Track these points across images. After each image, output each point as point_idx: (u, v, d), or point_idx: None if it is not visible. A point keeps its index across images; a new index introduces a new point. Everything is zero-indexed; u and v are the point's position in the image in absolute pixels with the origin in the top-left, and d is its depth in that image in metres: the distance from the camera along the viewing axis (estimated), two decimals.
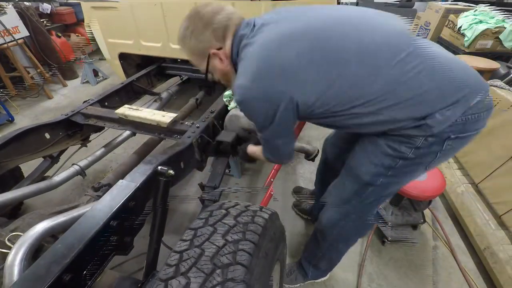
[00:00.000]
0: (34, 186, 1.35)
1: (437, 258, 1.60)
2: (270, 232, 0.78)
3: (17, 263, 0.72)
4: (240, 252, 0.66)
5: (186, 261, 0.65)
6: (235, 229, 0.73)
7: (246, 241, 0.69)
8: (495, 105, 1.76)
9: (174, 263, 0.66)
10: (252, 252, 0.67)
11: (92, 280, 0.73)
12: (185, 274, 0.62)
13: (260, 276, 0.68)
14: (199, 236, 0.72)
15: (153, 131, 1.55)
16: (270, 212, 0.84)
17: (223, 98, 1.75)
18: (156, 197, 0.99)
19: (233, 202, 0.88)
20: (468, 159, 1.91)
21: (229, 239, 0.70)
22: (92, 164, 1.68)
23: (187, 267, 0.64)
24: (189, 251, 0.68)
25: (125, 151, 2.42)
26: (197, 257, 0.66)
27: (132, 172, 0.96)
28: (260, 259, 0.69)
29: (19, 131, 1.36)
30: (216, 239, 0.70)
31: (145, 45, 2.37)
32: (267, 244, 0.75)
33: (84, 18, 2.42)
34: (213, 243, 0.68)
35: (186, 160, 1.29)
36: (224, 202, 0.89)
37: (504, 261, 1.41)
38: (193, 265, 0.64)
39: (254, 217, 0.79)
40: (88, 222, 0.75)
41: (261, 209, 0.85)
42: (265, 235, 0.75)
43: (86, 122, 1.66)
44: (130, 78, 2.28)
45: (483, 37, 2.87)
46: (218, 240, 0.69)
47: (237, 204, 0.86)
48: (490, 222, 1.61)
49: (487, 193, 1.71)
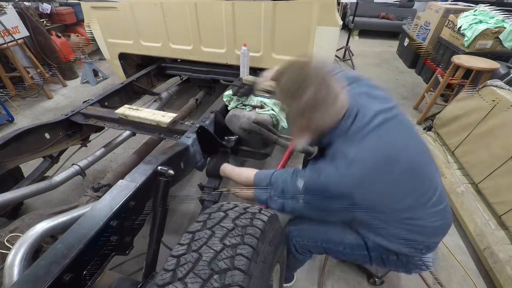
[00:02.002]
0: (34, 186, 1.35)
1: (437, 258, 1.60)
2: (269, 235, 0.77)
3: (17, 263, 0.72)
4: (238, 257, 0.65)
5: (183, 266, 0.64)
6: (234, 232, 0.72)
7: (244, 245, 0.68)
8: (495, 105, 1.76)
9: (171, 268, 0.64)
10: (250, 257, 0.65)
11: (92, 280, 0.73)
12: (182, 279, 0.61)
13: (259, 281, 0.67)
14: (197, 240, 0.71)
15: (153, 131, 1.55)
16: (269, 214, 0.83)
17: (223, 98, 1.75)
18: (156, 197, 0.99)
19: (232, 203, 0.87)
20: (468, 159, 1.91)
21: (227, 243, 0.68)
22: (92, 164, 1.68)
23: (184, 273, 0.62)
24: (186, 255, 0.66)
25: (125, 151, 2.42)
26: (194, 262, 0.64)
27: (132, 172, 0.96)
28: (259, 263, 0.68)
29: (19, 131, 1.36)
30: (214, 243, 0.68)
31: (145, 45, 2.37)
32: (266, 247, 0.74)
33: (84, 18, 2.42)
34: (211, 248, 0.67)
35: (186, 160, 1.29)
36: (223, 203, 0.88)
37: (504, 261, 1.41)
38: (190, 270, 0.63)
39: (253, 219, 0.78)
40: (88, 222, 0.75)
41: (260, 211, 0.84)
42: (264, 239, 0.74)
43: (86, 122, 1.66)
44: (130, 78, 2.28)
45: (483, 37, 2.87)
46: (216, 244, 0.68)
47: (236, 206, 0.85)
48: (490, 222, 1.62)
49: (487, 193, 1.71)
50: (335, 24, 1.74)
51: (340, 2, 4.57)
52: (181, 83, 2.75)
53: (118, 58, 2.57)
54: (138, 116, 1.51)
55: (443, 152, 2.16)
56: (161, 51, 2.36)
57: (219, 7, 1.94)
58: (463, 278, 1.51)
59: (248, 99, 1.66)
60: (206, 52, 2.22)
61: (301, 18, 1.79)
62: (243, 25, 1.98)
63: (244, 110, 1.59)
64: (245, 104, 1.63)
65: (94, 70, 3.78)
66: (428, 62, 3.74)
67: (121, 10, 2.21)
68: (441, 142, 2.24)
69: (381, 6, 6.36)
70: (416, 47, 4.06)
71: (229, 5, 1.90)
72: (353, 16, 4.89)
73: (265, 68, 2.20)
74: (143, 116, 1.50)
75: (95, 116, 1.66)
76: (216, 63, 2.29)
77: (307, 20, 1.78)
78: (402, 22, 5.54)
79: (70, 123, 1.64)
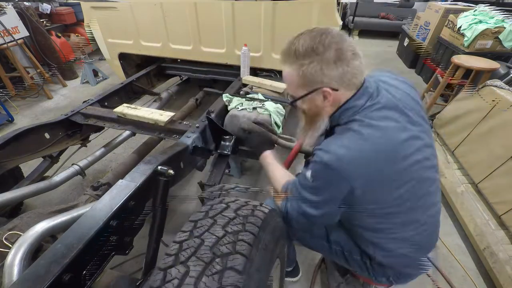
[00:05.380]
0: (34, 186, 1.35)
1: (437, 258, 1.60)
2: (270, 226, 0.79)
3: (17, 263, 0.72)
4: (240, 242, 0.66)
5: (186, 251, 0.65)
6: (235, 221, 0.74)
7: (246, 232, 0.70)
8: (495, 105, 1.77)
9: (173, 253, 0.66)
10: (251, 243, 0.67)
11: (92, 280, 0.73)
12: (185, 263, 0.63)
13: (260, 267, 0.68)
14: (199, 227, 0.72)
15: (152, 130, 1.55)
16: (270, 207, 0.85)
17: (223, 98, 1.75)
18: (156, 197, 0.99)
19: (233, 198, 0.88)
20: (468, 159, 1.91)
21: (228, 230, 0.70)
22: (92, 164, 1.68)
23: (187, 256, 0.64)
24: (188, 241, 0.68)
25: (125, 151, 2.42)
26: (196, 246, 0.66)
27: (132, 172, 0.96)
28: (260, 250, 0.70)
29: (18, 131, 1.36)
30: (216, 230, 0.70)
31: (145, 45, 2.37)
32: (266, 236, 0.75)
33: (84, 18, 2.42)
34: (213, 234, 0.69)
35: (186, 160, 1.29)
36: (224, 197, 0.89)
37: (504, 261, 1.41)
38: (193, 254, 0.64)
39: (254, 211, 0.80)
40: (88, 221, 0.75)
41: (261, 204, 0.85)
42: (265, 228, 0.76)
43: (85, 122, 1.66)
44: (129, 78, 2.28)
45: (483, 37, 2.87)
46: (218, 231, 0.69)
47: (237, 200, 0.86)
48: (490, 222, 1.62)
49: (487, 193, 1.71)
50: (335, 24, 1.74)
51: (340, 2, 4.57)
52: (181, 83, 2.75)
53: (118, 58, 2.57)
54: (136, 114, 1.51)
55: (443, 152, 2.16)
56: (161, 51, 2.36)
57: (219, 7, 1.94)
58: (463, 278, 1.51)
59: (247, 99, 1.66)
60: (206, 52, 2.23)
61: (301, 18, 1.79)
62: (243, 25, 1.98)
63: (244, 110, 1.59)
64: (245, 104, 1.63)
65: (94, 70, 3.78)
66: (428, 62, 3.74)
67: (121, 10, 2.21)
68: (441, 142, 2.24)
69: (381, 6, 6.36)
70: (416, 47, 4.07)
71: (229, 5, 1.90)
72: (353, 16, 4.90)
73: (265, 68, 2.22)
74: (141, 115, 1.50)
75: (95, 116, 1.66)
76: (216, 63, 2.29)
77: (307, 20, 1.78)
78: (402, 22, 5.53)
79: (70, 123, 1.64)
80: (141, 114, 1.50)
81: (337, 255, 1.00)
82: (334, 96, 0.76)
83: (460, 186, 1.87)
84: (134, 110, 1.55)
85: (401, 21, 5.81)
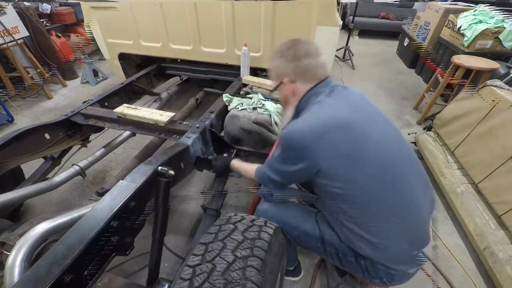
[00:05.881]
0: (34, 187, 1.35)
1: (437, 258, 1.61)
2: (274, 248, 0.82)
3: (18, 264, 0.72)
4: (249, 268, 0.69)
5: (199, 276, 0.68)
6: (243, 245, 0.76)
7: (254, 257, 0.72)
8: (495, 105, 1.77)
9: (188, 277, 0.68)
10: (260, 268, 0.70)
11: (92, 281, 0.73)
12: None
13: None
14: (210, 251, 0.75)
15: (152, 131, 1.55)
16: (274, 226, 0.87)
17: (223, 98, 1.75)
18: (157, 198, 0.99)
19: (239, 215, 0.90)
20: (468, 159, 1.92)
21: (238, 255, 0.73)
22: (92, 164, 1.68)
23: (201, 282, 0.66)
24: (201, 265, 0.71)
25: (125, 151, 2.42)
26: (209, 272, 0.68)
27: (132, 172, 0.96)
28: (267, 274, 0.72)
29: (19, 131, 1.36)
30: (226, 255, 0.73)
31: (145, 45, 2.37)
32: (272, 259, 0.78)
33: (84, 18, 2.42)
34: (224, 259, 0.72)
35: (186, 160, 1.29)
36: (230, 215, 0.91)
37: (504, 261, 1.41)
38: (206, 280, 0.67)
39: (260, 232, 0.82)
40: (89, 222, 0.75)
41: (266, 224, 0.87)
42: (271, 251, 0.79)
43: (86, 123, 1.66)
44: (130, 78, 2.28)
45: (483, 37, 2.87)
46: (228, 256, 0.72)
47: (243, 218, 0.88)
48: (490, 222, 1.62)
49: (487, 193, 1.71)
50: (335, 24, 1.75)
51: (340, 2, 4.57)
52: (181, 83, 2.75)
53: (118, 58, 2.57)
54: (136, 115, 1.51)
55: (443, 152, 2.16)
56: (161, 51, 2.36)
57: (219, 7, 1.94)
58: (463, 278, 1.51)
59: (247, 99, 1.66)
60: (206, 52, 2.23)
61: (301, 18, 1.80)
62: (243, 25, 1.98)
63: (244, 111, 1.59)
64: (245, 103, 1.63)
65: (94, 70, 3.78)
66: (428, 62, 3.74)
67: (121, 10, 2.21)
68: (441, 142, 2.24)
69: (381, 6, 6.36)
70: (416, 47, 4.07)
71: (229, 5, 1.90)
72: (353, 16, 4.89)
73: (265, 68, 2.22)
74: (141, 115, 1.50)
75: (95, 116, 1.66)
76: (216, 63, 2.29)
77: (307, 20, 1.78)
78: (402, 22, 5.54)
79: (70, 123, 1.64)
80: (141, 115, 1.51)
81: (332, 256, 1.02)
82: (295, 88, 0.98)
83: (460, 186, 1.87)
84: (134, 110, 1.55)
85: (401, 21, 5.81)
